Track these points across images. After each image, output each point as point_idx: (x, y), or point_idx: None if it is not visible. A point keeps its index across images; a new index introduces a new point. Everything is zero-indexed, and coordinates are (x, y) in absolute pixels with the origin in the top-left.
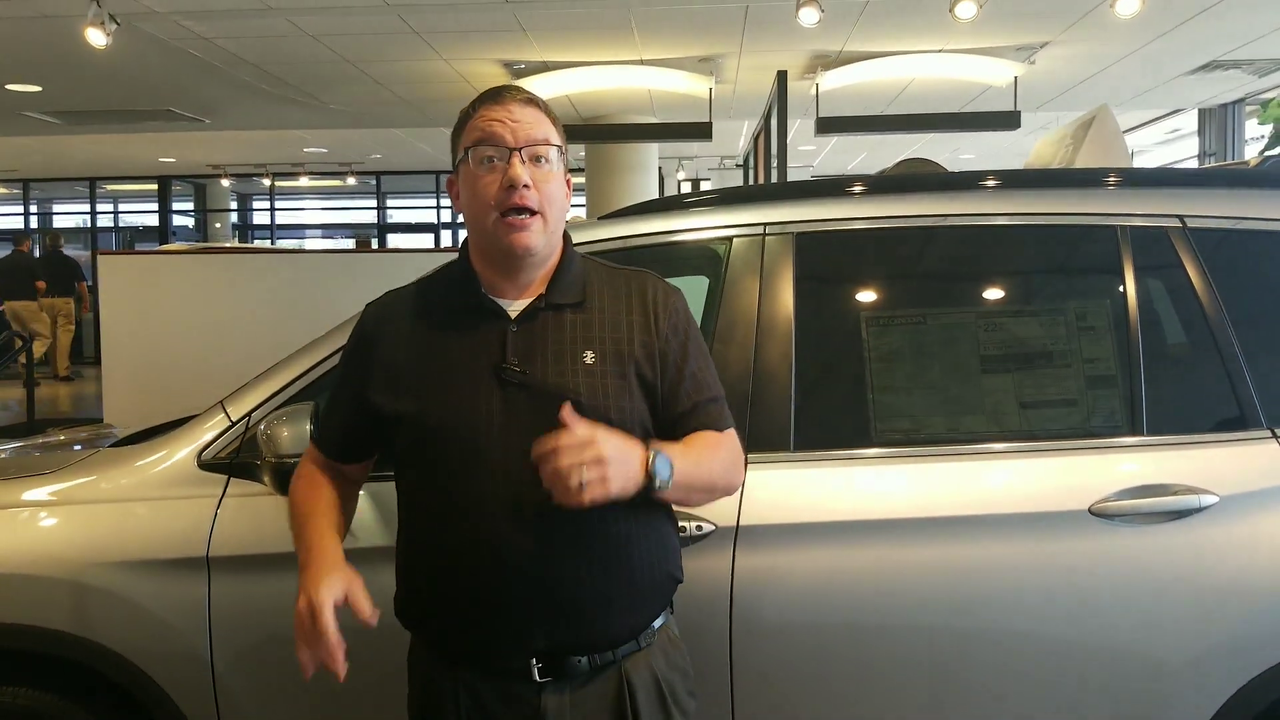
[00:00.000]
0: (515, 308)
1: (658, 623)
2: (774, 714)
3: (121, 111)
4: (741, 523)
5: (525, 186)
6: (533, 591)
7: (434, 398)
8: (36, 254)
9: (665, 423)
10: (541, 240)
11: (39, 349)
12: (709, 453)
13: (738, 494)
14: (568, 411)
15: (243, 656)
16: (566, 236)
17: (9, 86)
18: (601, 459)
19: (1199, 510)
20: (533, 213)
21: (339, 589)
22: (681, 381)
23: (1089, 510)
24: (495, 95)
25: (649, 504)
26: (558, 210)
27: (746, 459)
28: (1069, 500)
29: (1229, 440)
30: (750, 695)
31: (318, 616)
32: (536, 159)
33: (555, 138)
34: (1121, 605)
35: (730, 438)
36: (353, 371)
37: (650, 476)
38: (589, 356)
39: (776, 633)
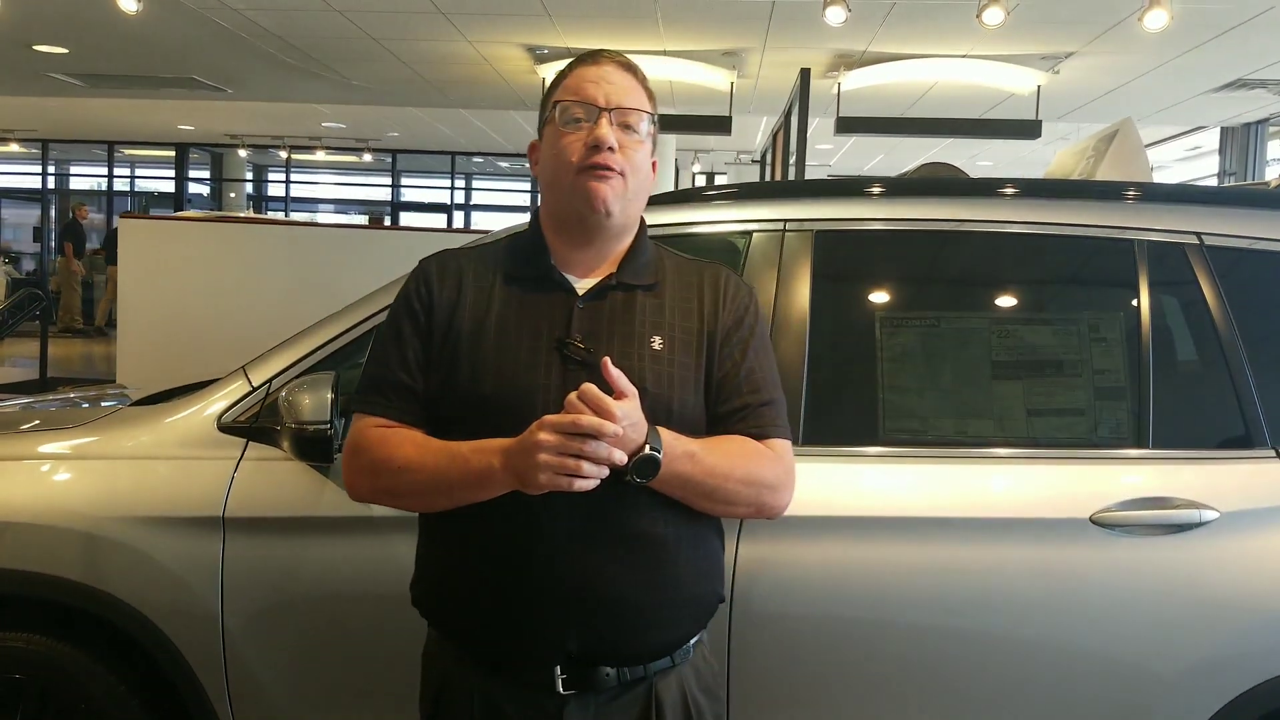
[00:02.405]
0: (584, 284)
1: (693, 640)
2: (770, 706)
3: (144, 77)
4: None
5: (610, 149)
6: (567, 587)
7: (488, 367)
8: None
9: (711, 420)
10: (620, 204)
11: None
12: (735, 456)
13: None
14: (611, 368)
15: (253, 616)
16: (642, 220)
17: (37, 47)
18: (620, 436)
19: (1199, 525)
20: (615, 174)
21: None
22: (735, 377)
23: (1090, 519)
24: (593, 56)
25: (697, 513)
26: (640, 182)
27: None
28: (1071, 508)
29: (1233, 458)
30: (747, 686)
31: (565, 416)
32: (626, 126)
33: (648, 107)
34: (1117, 614)
35: (775, 448)
36: (406, 330)
37: (639, 449)
38: (656, 342)
39: (775, 625)
